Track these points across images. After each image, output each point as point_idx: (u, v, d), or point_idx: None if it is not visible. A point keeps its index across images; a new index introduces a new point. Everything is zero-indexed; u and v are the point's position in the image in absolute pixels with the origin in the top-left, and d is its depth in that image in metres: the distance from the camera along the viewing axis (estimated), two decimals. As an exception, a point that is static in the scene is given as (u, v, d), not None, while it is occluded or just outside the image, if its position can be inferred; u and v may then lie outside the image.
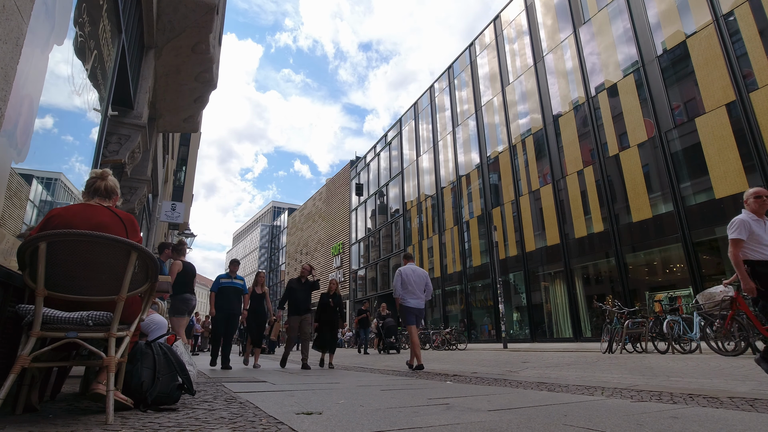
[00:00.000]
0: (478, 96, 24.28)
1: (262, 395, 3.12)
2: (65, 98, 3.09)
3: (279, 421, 2.05)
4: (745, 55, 11.98)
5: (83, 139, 3.82)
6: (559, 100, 18.59)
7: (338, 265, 41.23)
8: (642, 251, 14.77)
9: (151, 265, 2.29)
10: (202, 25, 5.82)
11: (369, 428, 1.88)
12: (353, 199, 39.87)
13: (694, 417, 2.08)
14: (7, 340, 2.24)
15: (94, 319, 2.11)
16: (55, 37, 2.49)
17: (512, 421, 2.06)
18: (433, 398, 2.93)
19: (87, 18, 3.17)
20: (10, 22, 1.78)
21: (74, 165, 3.69)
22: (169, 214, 12.75)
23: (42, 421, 1.93)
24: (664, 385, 3.42)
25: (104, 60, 3.88)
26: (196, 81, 6.96)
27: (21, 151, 2.24)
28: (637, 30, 15.25)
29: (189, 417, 2.16)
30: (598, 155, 16.14)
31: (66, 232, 2.08)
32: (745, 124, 11.70)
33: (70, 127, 3.35)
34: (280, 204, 78.49)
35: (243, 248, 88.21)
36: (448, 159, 26.37)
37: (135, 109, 5.54)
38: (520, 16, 21.55)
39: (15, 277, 2.21)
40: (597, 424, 1.96)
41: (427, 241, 27.33)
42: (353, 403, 2.68)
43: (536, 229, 18.92)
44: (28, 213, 2.65)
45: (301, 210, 56.99)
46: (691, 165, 13.29)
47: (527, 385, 3.62)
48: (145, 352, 2.46)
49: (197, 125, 8.81)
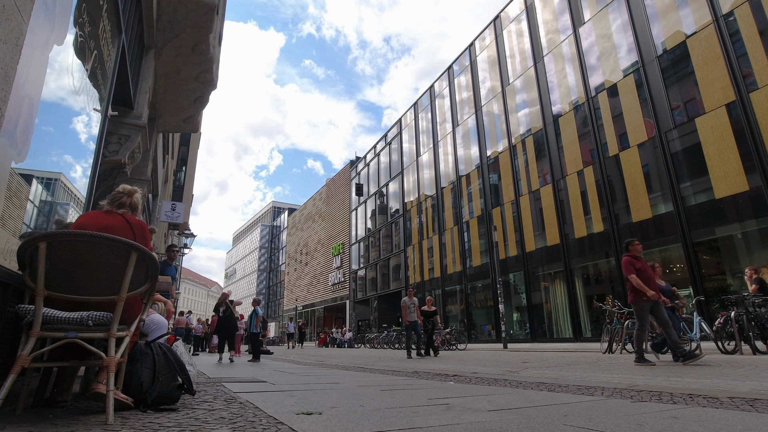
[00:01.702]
0: (478, 96, 24.28)
1: (262, 395, 3.12)
2: (65, 98, 3.09)
3: (279, 421, 2.05)
4: (745, 55, 11.98)
5: (83, 139, 3.82)
6: (559, 100, 18.60)
7: (338, 265, 41.23)
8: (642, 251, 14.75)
9: (151, 266, 2.29)
10: (202, 26, 5.83)
11: (369, 428, 1.88)
12: (353, 199, 39.87)
13: (694, 417, 2.08)
14: (7, 340, 2.24)
15: (94, 320, 2.11)
16: (55, 37, 2.49)
17: (512, 421, 2.06)
18: (433, 398, 2.93)
19: (87, 18, 3.17)
20: (10, 22, 1.78)
21: (74, 165, 3.69)
22: (168, 214, 12.76)
23: (42, 421, 1.93)
24: (664, 385, 3.42)
25: (104, 60, 3.88)
26: (196, 81, 6.97)
27: (21, 151, 2.24)
28: (637, 30, 15.25)
29: (189, 417, 2.16)
30: (598, 155, 16.14)
31: (65, 232, 2.08)
32: (745, 124, 11.70)
33: (70, 127, 3.35)
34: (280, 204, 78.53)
35: (243, 248, 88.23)
36: (448, 159, 26.37)
37: (135, 109, 5.54)
38: (520, 15, 21.56)
39: (15, 277, 2.21)
40: (597, 424, 1.96)
41: (427, 241, 27.33)
42: (353, 403, 2.68)
43: (536, 229, 18.92)
44: (28, 213, 2.65)
45: (301, 210, 57.00)
46: (691, 165, 13.29)
47: (527, 385, 3.61)
48: (145, 352, 2.46)
49: (197, 125, 8.82)
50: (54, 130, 2.99)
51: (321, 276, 45.33)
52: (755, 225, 11.55)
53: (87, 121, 3.80)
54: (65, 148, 3.36)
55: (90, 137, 4.00)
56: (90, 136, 4.00)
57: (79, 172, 3.82)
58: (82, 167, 3.90)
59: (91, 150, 4.06)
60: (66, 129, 3.27)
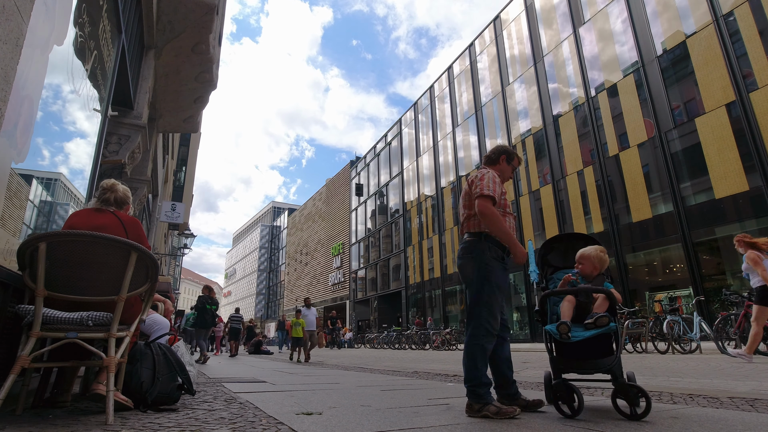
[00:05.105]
0: (478, 96, 24.28)
1: (262, 395, 3.12)
2: (65, 98, 3.08)
3: (279, 421, 2.05)
4: (745, 55, 11.98)
5: (83, 140, 3.82)
6: (559, 100, 18.60)
7: (338, 266, 41.23)
8: (642, 251, 14.77)
9: (151, 266, 2.29)
10: (202, 26, 5.82)
11: (369, 428, 1.88)
12: (353, 199, 39.86)
13: (694, 417, 2.08)
14: (7, 341, 2.24)
15: (94, 320, 2.10)
16: (55, 38, 2.49)
17: (512, 421, 2.06)
18: (433, 398, 2.93)
19: (87, 18, 3.17)
20: (10, 22, 1.78)
21: (74, 165, 3.69)
22: (168, 214, 12.75)
23: (42, 422, 1.93)
24: (664, 385, 3.42)
25: (104, 60, 3.87)
26: (196, 81, 6.96)
27: (21, 151, 2.24)
28: (637, 30, 15.25)
29: (189, 417, 2.15)
30: (598, 155, 16.14)
31: (65, 232, 2.08)
32: (745, 124, 11.70)
33: (70, 128, 3.35)
34: (280, 204, 78.51)
35: (243, 248, 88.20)
36: (448, 159, 26.37)
37: (135, 109, 5.54)
38: (520, 16, 21.56)
39: (15, 278, 2.21)
40: (597, 424, 1.96)
41: (427, 241, 27.33)
42: (354, 403, 2.68)
43: (536, 229, 18.92)
44: (28, 213, 2.65)
45: (301, 210, 56.99)
46: (691, 165, 13.29)
47: (527, 386, 3.61)
48: (145, 353, 2.46)
49: (197, 125, 8.82)
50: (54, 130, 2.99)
51: (321, 276, 45.31)
52: (755, 225, 11.55)
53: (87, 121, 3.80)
54: (65, 148, 3.36)
55: (90, 137, 4.00)
56: (90, 137, 4.00)
57: (79, 173, 3.82)
58: (82, 167, 3.90)
59: (91, 150, 4.06)
60: (66, 129, 3.27)
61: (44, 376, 2.44)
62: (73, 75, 3.04)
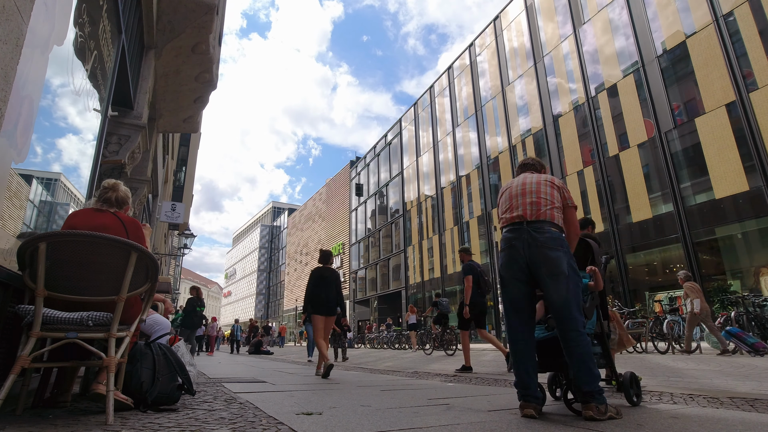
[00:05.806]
0: (478, 96, 24.28)
1: (262, 395, 3.12)
2: (65, 99, 3.09)
3: (279, 421, 2.05)
4: (745, 55, 11.98)
5: (83, 140, 3.82)
6: (559, 100, 18.60)
7: (338, 266, 41.22)
8: (642, 251, 14.76)
9: (151, 266, 2.29)
10: (202, 26, 5.82)
11: (369, 428, 1.87)
12: (353, 200, 39.86)
13: (694, 417, 2.08)
14: (7, 341, 2.24)
15: (94, 320, 2.10)
16: (55, 38, 2.49)
17: (512, 421, 2.06)
18: (433, 398, 2.93)
19: (87, 18, 3.17)
20: (10, 22, 1.78)
21: (74, 165, 3.69)
22: (168, 214, 12.75)
23: (42, 422, 1.93)
24: (664, 385, 3.42)
25: (104, 60, 3.87)
26: (196, 81, 6.96)
27: (21, 151, 2.24)
28: (636, 30, 15.25)
29: (189, 417, 2.15)
30: (598, 155, 16.14)
31: (65, 232, 2.08)
32: (745, 124, 11.70)
33: (69, 128, 3.35)
34: (280, 204, 78.53)
35: (243, 249, 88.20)
36: (448, 159, 26.37)
37: (135, 109, 5.54)
38: (520, 16, 21.56)
39: (15, 278, 2.21)
40: (597, 423, 1.96)
41: (427, 241, 27.32)
42: (354, 403, 2.68)
43: (536, 229, 18.90)
44: (28, 213, 2.65)
45: (301, 210, 56.99)
46: (691, 165, 13.29)
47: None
48: (145, 353, 2.46)
49: (197, 125, 8.81)
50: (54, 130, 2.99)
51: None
52: (755, 225, 11.55)
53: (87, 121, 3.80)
54: (65, 148, 3.36)
55: (90, 137, 4.00)
56: (90, 137, 4.00)
57: (79, 173, 3.82)
58: (82, 167, 3.90)
59: (91, 150, 4.06)
60: (66, 129, 3.27)
61: (44, 376, 2.44)
62: (73, 75, 3.04)
